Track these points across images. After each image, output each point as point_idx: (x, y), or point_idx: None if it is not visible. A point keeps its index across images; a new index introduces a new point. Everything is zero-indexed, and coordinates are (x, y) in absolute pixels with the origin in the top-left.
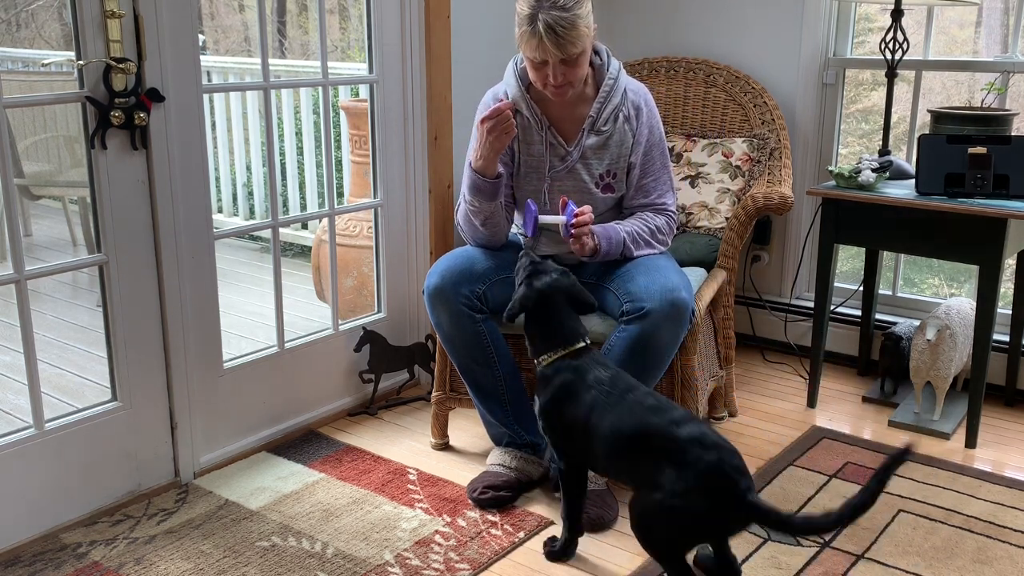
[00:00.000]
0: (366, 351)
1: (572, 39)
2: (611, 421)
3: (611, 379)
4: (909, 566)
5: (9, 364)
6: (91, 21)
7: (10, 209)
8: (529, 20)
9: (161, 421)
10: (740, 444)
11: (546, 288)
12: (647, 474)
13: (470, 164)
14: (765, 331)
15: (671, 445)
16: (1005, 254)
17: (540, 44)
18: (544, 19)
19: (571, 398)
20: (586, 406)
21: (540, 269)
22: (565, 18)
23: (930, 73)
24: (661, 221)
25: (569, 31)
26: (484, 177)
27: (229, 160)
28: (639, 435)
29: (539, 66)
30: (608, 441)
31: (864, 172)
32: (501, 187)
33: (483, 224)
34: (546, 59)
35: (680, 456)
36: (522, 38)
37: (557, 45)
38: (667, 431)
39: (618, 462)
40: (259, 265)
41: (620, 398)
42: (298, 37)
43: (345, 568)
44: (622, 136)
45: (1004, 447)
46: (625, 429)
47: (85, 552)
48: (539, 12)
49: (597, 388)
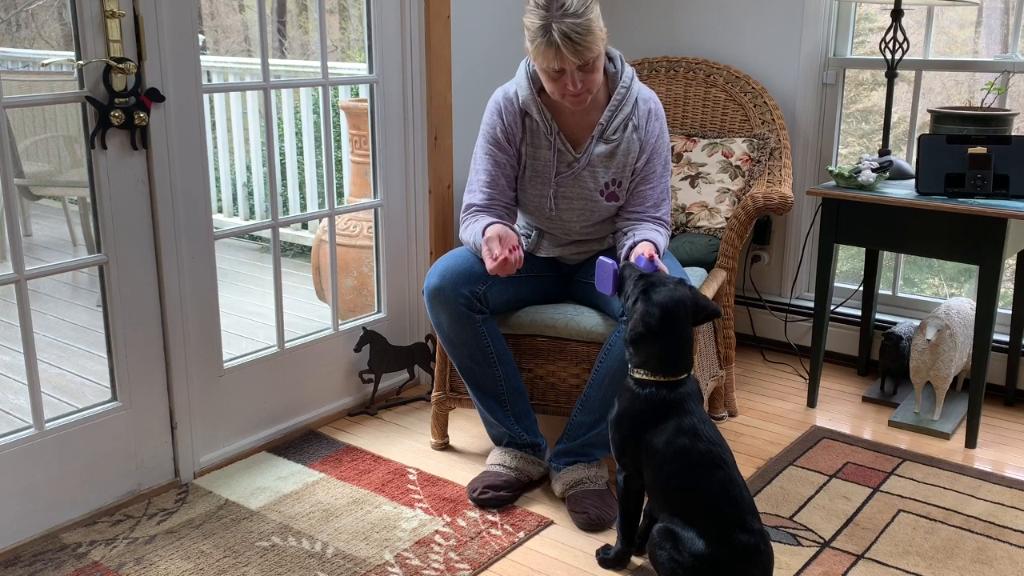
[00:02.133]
0: (366, 351)
1: (589, 44)
2: (684, 478)
3: (695, 429)
4: (909, 566)
5: (9, 364)
6: (91, 21)
7: (10, 209)
8: (543, 31)
9: (161, 421)
10: (740, 444)
11: (668, 303)
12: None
13: (483, 231)
14: (765, 331)
15: (715, 527)
16: (1005, 254)
17: (558, 53)
18: (559, 28)
19: (654, 425)
20: (665, 443)
21: (655, 281)
22: (580, 24)
23: (930, 73)
24: (662, 230)
25: (585, 36)
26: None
27: (229, 160)
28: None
29: (556, 76)
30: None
31: (864, 172)
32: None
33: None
34: (563, 68)
35: (716, 538)
36: (537, 50)
37: (575, 52)
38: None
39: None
40: (259, 265)
41: (702, 457)
42: (298, 37)
43: (345, 568)
44: (630, 145)
45: (1004, 447)
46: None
47: (85, 552)
48: (552, 22)
49: (685, 434)
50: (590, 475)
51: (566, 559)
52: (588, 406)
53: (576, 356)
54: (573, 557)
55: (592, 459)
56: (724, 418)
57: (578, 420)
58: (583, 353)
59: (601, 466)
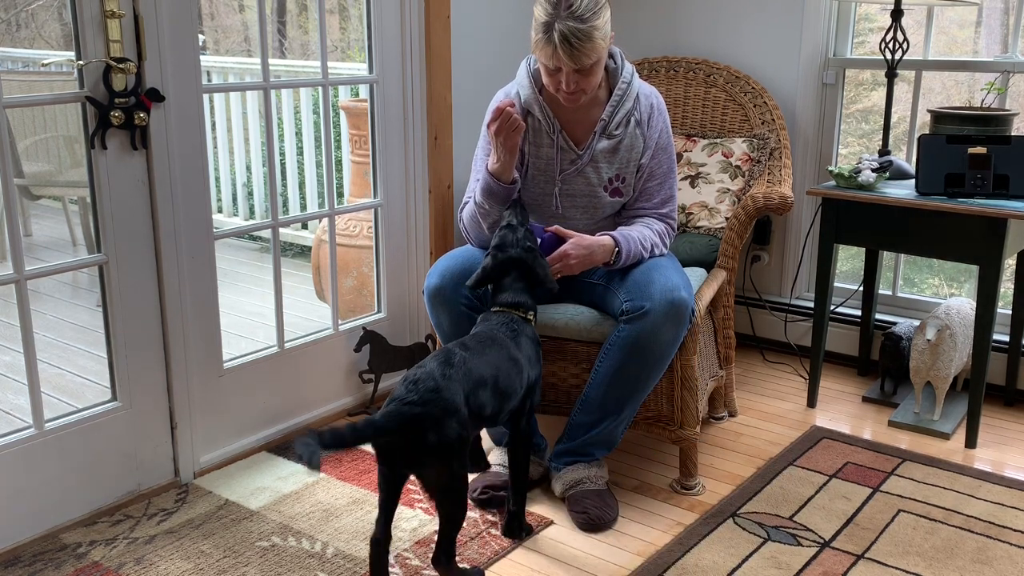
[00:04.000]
0: (366, 351)
1: (586, 51)
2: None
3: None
4: (909, 566)
5: (9, 364)
6: (91, 21)
7: (10, 209)
8: (545, 28)
9: (161, 421)
10: (740, 444)
11: (507, 260)
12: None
13: (487, 167)
14: (765, 331)
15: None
16: (1005, 254)
17: (554, 53)
18: (560, 28)
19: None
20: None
21: (507, 242)
22: (581, 30)
23: (930, 73)
24: (662, 227)
25: (584, 43)
26: (499, 181)
27: (229, 160)
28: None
29: (553, 72)
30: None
31: (864, 172)
32: (514, 193)
33: (490, 227)
34: (560, 67)
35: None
36: (537, 44)
37: (571, 56)
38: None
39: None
40: (259, 265)
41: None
42: (298, 37)
43: (345, 568)
44: (633, 140)
45: (1004, 447)
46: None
47: (85, 552)
48: (555, 21)
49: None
50: (590, 475)
51: (566, 559)
52: (588, 406)
53: (576, 356)
54: (573, 557)
55: (592, 459)
56: (724, 418)
57: (578, 420)
58: (583, 353)
59: (601, 466)
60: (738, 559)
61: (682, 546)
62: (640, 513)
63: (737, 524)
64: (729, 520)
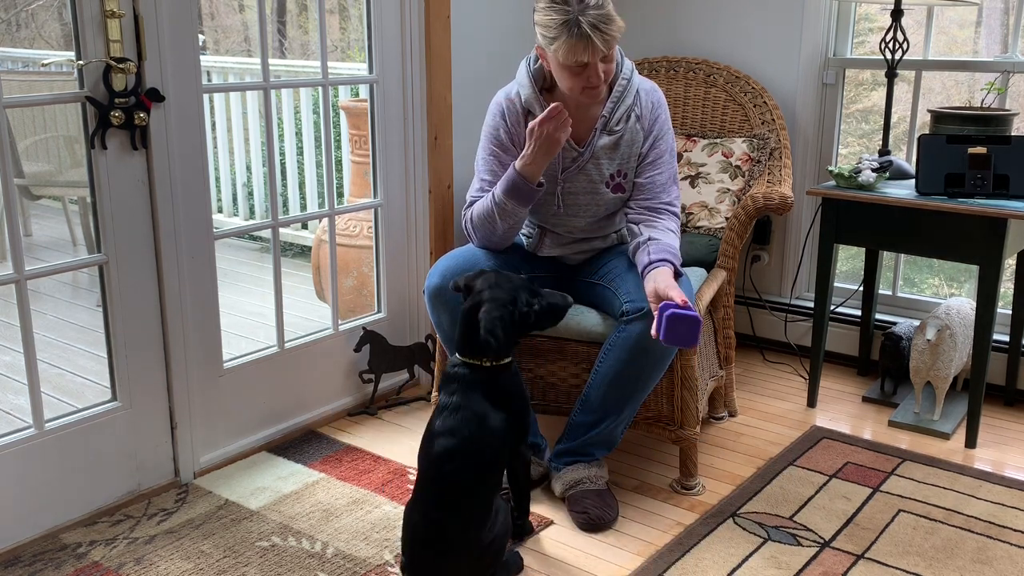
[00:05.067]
0: (366, 351)
1: (613, 32)
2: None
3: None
4: (909, 566)
5: (9, 364)
6: (91, 21)
7: (10, 209)
8: (568, 27)
9: (161, 421)
10: (740, 444)
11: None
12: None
13: (514, 167)
14: (765, 331)
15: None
16: (1005, 254)
17: (588, 45)
18: (586, 20)
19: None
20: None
21: (480, 289)
22: (604, 14)
23: (930, 73)
24: (673, 224)
25: (611, 25)
26: (528, 182)
27: (229, 160)
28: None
29: (579, 71)
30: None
31: (864, 172)
32: (539, 196)
33: (510, 228)
34: (589, 60)
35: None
36: (561, 47)
37: (604, 41)
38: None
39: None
40: (259, 265)
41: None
42: (298, 37)
43: (345, 568)
44: (633, 135)
45: (1004, 447)
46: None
47: (85, 552)
48: (578, 16)
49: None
50: (590, 475)
51: (566, 559)
52: (588, 406)
53: (576, 356)
54: (573, 557)
55: (592, 459)
56: (724, 418)
57: (578, 420)
58: (583, 353)
59: (601, 466)
60: (738, 559)
61: (682, 546)
62: (640, 513)
63: (737, 524)
64: (729, 520)
